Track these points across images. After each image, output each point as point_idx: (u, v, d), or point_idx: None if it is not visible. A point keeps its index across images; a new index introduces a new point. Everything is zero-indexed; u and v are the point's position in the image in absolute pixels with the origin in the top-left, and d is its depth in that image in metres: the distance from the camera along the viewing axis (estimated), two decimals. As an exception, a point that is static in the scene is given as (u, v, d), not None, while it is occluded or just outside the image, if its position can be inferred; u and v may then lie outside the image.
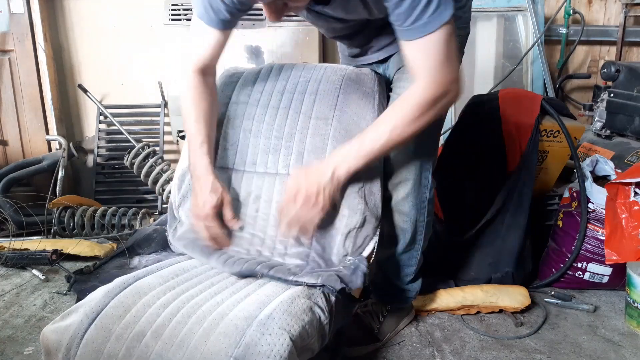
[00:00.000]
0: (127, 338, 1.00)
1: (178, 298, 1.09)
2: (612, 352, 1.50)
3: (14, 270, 1.98)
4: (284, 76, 1.44)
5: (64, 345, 1.01)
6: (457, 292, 1.69)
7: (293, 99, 1.39)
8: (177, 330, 1.01)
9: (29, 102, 2.65)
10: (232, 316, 1.02)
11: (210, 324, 1.01)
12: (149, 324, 1.03)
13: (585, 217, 1.75)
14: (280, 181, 1.32)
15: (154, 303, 1.07)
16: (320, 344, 1.10)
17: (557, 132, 1.86)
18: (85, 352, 0.99)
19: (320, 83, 1.40)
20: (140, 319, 1.04)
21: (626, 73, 2.24)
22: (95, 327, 1.02)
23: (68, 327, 1.03)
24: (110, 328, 1.02)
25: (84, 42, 2.71)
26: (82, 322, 1.03)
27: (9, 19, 2.57)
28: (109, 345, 1.00)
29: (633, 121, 2.18)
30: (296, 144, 1.34)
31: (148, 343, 0.99)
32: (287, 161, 1.33)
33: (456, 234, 1.84)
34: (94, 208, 2.36)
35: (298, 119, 1.36)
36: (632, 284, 1.60)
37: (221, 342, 0.96)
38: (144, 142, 2.51)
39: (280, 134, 1.36)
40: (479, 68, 2.73)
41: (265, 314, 1.00)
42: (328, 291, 1.15)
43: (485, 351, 1.49)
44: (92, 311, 1.05)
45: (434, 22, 1.02)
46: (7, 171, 2.52)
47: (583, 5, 2.90)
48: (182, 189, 1.40)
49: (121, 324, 1.03)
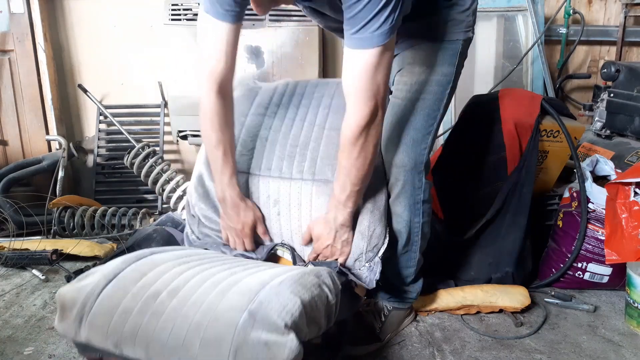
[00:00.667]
0: (143, 296, 1.05)
1: (193, 268, 1.14)
2: (612, 352, 1.50)
3: (14, 270, 1.98)
4: (299, 91, 1.56)
5: (79, 301, 1.06)
6: (457, 292, 1.69)
7: (308, 112, 1.50)
8: (193, 290, 1.05)
9: (29, 102, 2.65)
10: (247, 281, 1.08)
11: (224, 286, 1.06)
12: (164, 285, 1.07)
13: (585, 217, 1.75)
14: (296, 185, 1.41)
15: (170, 270, 1.13)
16: (326, 323, 1.13)
17: (557, 132, 1.86)
18: (101, 307, 1.04)
19: (334, 98, 1.50)
20: (157, 282, 1.08)
21: (626, 73, 2.24)
22: (112, 286, 1.07)
23: (85, 286, 1.08)
24: (127, 288, 1.07)
25: (84, 42, 2.71)
26: (99, 282, 1.08)
27: (9, 19, 2.57)
28: (125, 301, 1.04)
29: (633, 121, 2.18)
30: (310, 151, 1.43)
31: (163, 300, 1.04)
32: (301, 167, 1.42)
33: (456, 234, 1.84)
34: (94, 208, 2.36)
35: (312, 130, 1.46)
36: (632, 284, 1.60)
37: (236, 299, 1.01)
38: (144, 142, 2.51)
39: (295, 142, 1.45)
40: (479, 68, 2.73)
41: (277, 280, 1.06)
42: (336, 276, 1.22)
43: (485, 351, 1.49)
44: (109, 273, 1.10)
45: (374, 40, 1.08)
46: (7, 171, 2.52)
47: (583, 5, 2.90)
48: (198, 190, 1.49)
49: (137, 285, 1.07)
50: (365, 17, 1.05)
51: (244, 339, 0.94)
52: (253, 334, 0.94)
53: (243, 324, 0.95)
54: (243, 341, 0.94)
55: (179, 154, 2.85)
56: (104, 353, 1.04)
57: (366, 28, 1.06)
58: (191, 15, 2.48)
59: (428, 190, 1.45)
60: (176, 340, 0.98)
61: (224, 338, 0.95)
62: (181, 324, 0.99)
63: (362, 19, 1.05)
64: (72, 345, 1.49)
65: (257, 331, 0.94)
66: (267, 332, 0.94)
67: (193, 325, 0.98)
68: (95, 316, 1.04)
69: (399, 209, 1.43)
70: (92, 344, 1.04)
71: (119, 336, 1.01)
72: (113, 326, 1.02)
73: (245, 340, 0.94)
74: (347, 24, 1.09)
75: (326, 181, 1.37)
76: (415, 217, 1.45)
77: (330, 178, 1.36)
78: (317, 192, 1.38)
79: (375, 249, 1.34)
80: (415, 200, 1.43)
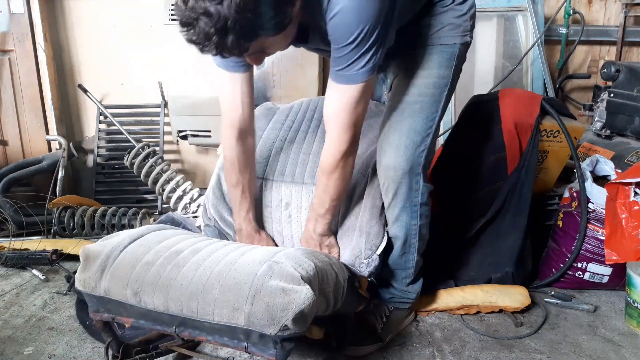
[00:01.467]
0: (166, 252, 1.13)
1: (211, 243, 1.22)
2: (612, 352, 1.50)
3: (14, 270, 1.99)
4: (312, 107, 1.71)
5: (104, 253, 1.13)
6: (457, 292, 1.69)
7: (320, 125, 1.62)
8: (214, 249, 1.15)
9: (29, 102, 2.65)
10: (264, 249, 1.18)
11: (243, 250, 1.15)
12: (187, 245, 1.17)
13: (585, 217, 1.75)
14: (307, 190, 1.52)
15: (192, 237, 1.24)
16: (334, 302, 1.18)
17: (557, 132, 1.86)
18: (124, 259, 1.12)
19: None
20: (179, 243, 1.18)
21: (626, 73, 2.24)
22: (136, 243, 1.16)
23: (110, 242, 1.17)
24: (150, 245, 1.16)
25: (84, 42, 2.70)
26: (124, 240, 1.17)
27: (9, 19, 2.57)
28: (147, 256, 1.12)
29: (633, 121, 2.18)
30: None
31: (186, 256, 1.11)
32: (312, 172, 1.52)
33: (456, 234, 1.84)
34: (94, 208, 2.36)
35: (323, 139, 1.50)
36: (632, 284, 1.60)
37: (255, 256, 1.10)
38: (144, 142, 2.51)
39: (308, 150, 1.58)
40: (479, 68, 2.73)
41: (292, 249, 1.17)
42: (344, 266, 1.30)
43: (485, 351, 1.49)
44: (134, 234, 1.20)
45: (358, 77, 1.16)
46: (7, 171, 2.52)
47: (583, 5, 2.90)
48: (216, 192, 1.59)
49: (161, 244, 1.16)
50: (351, 58, 1.14)
51: (263, 285, 1.01)
52: (271, 281, 1.01)
53: (262, 273, 1.03)
54: (261, 286, 1.00)
55: (179, 154, 2.85)
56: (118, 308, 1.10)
57: (351, 67, 1.15)
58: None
59: (426, 194, 1.45)
60: (196, 286, 1.04)
61: (243, 284, 1.02)
62: (202, 273, 1.06)
63: (348, 59, 1.14)
64: (72, 345, 1.49)
65: (275, 280, 1.01)
66: (284, 281, 1.01)
67: (214, 274, 1.05)
68: (118, 267, 1.11)
69: (396, 211, 1.43)
70: (110, 295, 1.10)
71: (139, 284, 1.08)
72: (135, 275, 1.09)
73: (263, 285, 1.00)
74: (334, 62, 1.18)
75: None
76: (412, 220, 1.45)
77: None
78: None
79: (373, 247, 1.38)
80: (412, 203, 1.43)
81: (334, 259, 1.26)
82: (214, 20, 0.91)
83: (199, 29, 0.93)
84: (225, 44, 0.96)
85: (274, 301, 0.98)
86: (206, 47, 0.96)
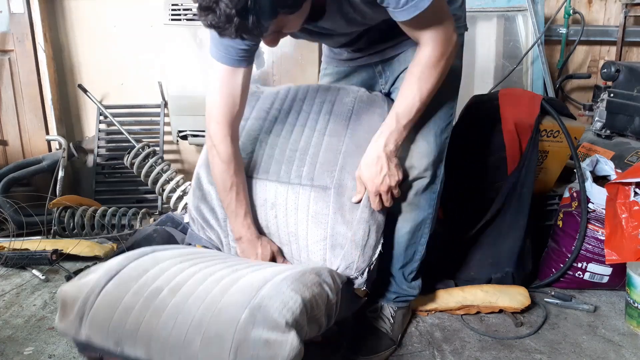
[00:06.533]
0: (145, 293, 1.05)
1: (195, 265, 1.14)
2: (612, 352, 1.50)
3: (14, 270, 1.98)
4: (300, 97, 1.55)
5: (80, 298, 1.05)
6: (457, 292, 1.69)
7: (309, 118, 1.49)
8: (194, 287, 1.05)
9: (29, 102, 2.65)
10: (248, 278, 1.09)
11: (226, 282, 1.06)
12: (166, 282, 1.07)
13: (585, 217, 1.75)
14: (293, 190, 1.38)
15: (171, 267, 1.13)
16: (327, 322, 1.13)
17: (557, 132, 1.86)
18: (102, 305, 1.04)
19: (334, 104, 1.50)
20: (158, 278, 1.08)
21: (626, 73, 2.24)
22: (114, 283, 1.07)
23: (87, 282, 1.08)
24: (129, 285, 1.07)
25: (84, 42, 2.71)
26: (100, 279, 1.08)
27: (9, 19, 2.57)
28: (126, 298, 1.04)
29: (633, 121, 2.18)
30: (310, 157, 1.41)
31: (165, 297, 1.03)
32: (299, 172, 1.39)
33: (456, 234, 1.84)
34: (94, 208, 2.36)
35: (313, 135, 1.45)
36: (632, 284, 1.60)
37: (237, 296, 1.01)
38: (144, 142, 2.51)
39: (295, 147, 1.44)
40: (479, 68, 2.73)
41: (279, 278, 1.06)
42: (336, 275, 1.22)
43: (485, 351, 1.49)
44: (111, 270, 1.10)
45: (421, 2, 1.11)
46: (7, 171, 2.52)
47: (583, 5, 2.90)
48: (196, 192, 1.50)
49: (139, 282, 1.07)
50: None
51: (245, 337, 0.94)
52: (254, 332, 0.94)
53: (244, 322, 0.95)
54: (244, 339, 0.93)
55: (179, 154, 2.85)
56: (104, 352, 1.04)
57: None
58: (191, 15, 2.48)
59: (442, 183, 1.47)
60: (177, 338, 0.98)
61: (225, 336, 0.95)
62: (182, 321, 0.99)
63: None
64: (72, 345, 1.49)
65: (258, 329, 0.94)
66: (268, 330, 0.94)
67: (194, 323, 0.98)
68: (96, 314, 1.04)
69: (421, 201, 1.43)
70: (93, 342, 1.03)
71: (119, 334, 1.01)
72: (114, 324, 1.02)
73: (246, 338, 0.94)
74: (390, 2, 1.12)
75: (325, 188, 1.36)
76: (429, 209, 1.45)
77: (329, 185, 1.35)
78: (315, 198, 1.36)
79: (368, 259, 1.32)
80: (432, 190, 1.44)
81: (324, 274, 1.16)
82: (234, 2, 0.92)
83: (219, 11, 0.93)
84: (245, 25, 0.95)
85: (258, 354, 0.92)
86: (227, 29, 0.96)
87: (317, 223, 1.35)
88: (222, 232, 1.46)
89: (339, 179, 1.35)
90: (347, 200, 1.34)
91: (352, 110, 1.47)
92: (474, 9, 2.66)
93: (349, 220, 1.33)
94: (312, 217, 1.35)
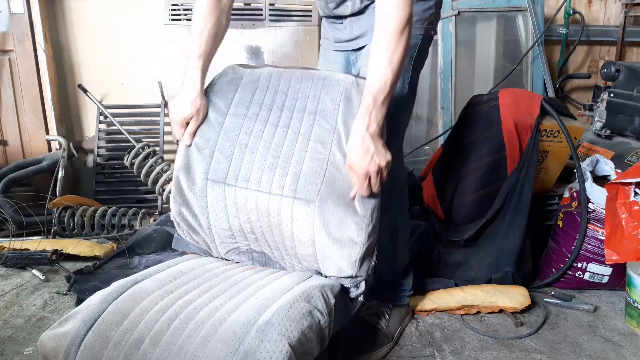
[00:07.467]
0: (125, 345, 1.01)
1: (176, 303, 1.10)
2: (612, 352, 1.50)
3: (14, 270, 1.98)
4: (283, 88, 1.42)
5: (61, 352, 1.02)
6: (457, 292, 1.69)
7: (292, 117, 1.37)
8: (175, 337, 1.01)
9: (29, 102, 2.65)
10: (231, 322, 1.02)
11: (208, 330, 1.01)
12: (147, 330, 1.03)
13: (585, 217, 1.75)
14: (274, 201, 1.28)
15: (152, 308, 1.08)
16: (319, 348, 1.11)
17: (557, 132, 1.86)
18: (83, 359, 1.00)
19: (320, 101, 1.38)
20: (138, 325, 1.04)
21: (626, 73, 2.24)
22: (93, 333, 1.02)
23: (66, 333, 1.04)
24: (108, 335, 1.02)
25: (84, 42, 2.71)
26: (79, 329, 1.03)
27: (9, 19, 2.57)
28: (106, 352, 1.00)
29: (633, 121, 2.18)
30: (293, 165, 1.30)
31: (146, 350, 1.00)
32: (281, 182, 1.29)
33: (456, 234, 1.84)
34: (94, 208, 2.36)
35: (297, 140, 1.34)
36: (632, 284, 1.60)
37: (219, 349, 0.96)
38: (144, 142, 2.52)
39: (277, 152, 1.33)
40: (479, 68, 2.73)
41: (264, 319, 1.01)
42: (328, 291, 1.17)
43: (485, 351, 1.49)
44: (89, 317, 1.05)
45: None
46: (7, 171, 2.52)
47: (583, 5, 2.90)
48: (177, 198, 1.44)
49: (119, 331, 1.03)
50: None
51: None
52: None
53: None
54: None
55: (179, 154, 2.85)
56: None
57: None
58: (191, 15, 2.47)
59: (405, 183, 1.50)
60: None
61: None
62: None
63: None
64: (72, 345, 1.49)
65: None
66: None
67: None
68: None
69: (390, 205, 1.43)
70: None
71: None
72: None
73: None
74: None
75: (308, 202, 1.24)
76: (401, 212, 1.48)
77: (313, 199, 1.25)
78: (297, 212, 1.26)
79: (360, 278, 1.27)
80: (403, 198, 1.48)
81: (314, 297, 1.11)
82: None
83: None
84: None
85: None
86: None
87: (302, 236, 1.27)
88: (208, 237, 1.39)
89: (324, 193, 1.26)
90: (332, 216, 1.24)
91: (338, 109, 1.35)
92: (474, 9, 2.66)
93: (338, 238, 1.24)
94: (296, 230, 1.27)
